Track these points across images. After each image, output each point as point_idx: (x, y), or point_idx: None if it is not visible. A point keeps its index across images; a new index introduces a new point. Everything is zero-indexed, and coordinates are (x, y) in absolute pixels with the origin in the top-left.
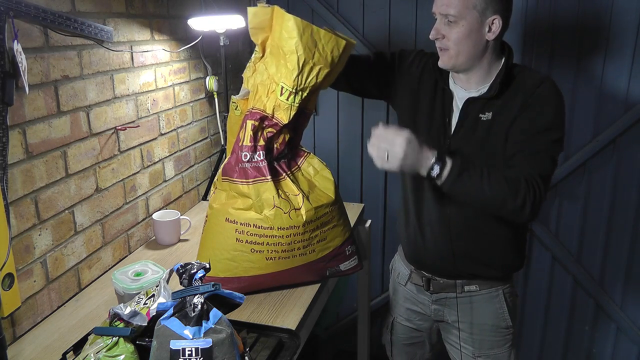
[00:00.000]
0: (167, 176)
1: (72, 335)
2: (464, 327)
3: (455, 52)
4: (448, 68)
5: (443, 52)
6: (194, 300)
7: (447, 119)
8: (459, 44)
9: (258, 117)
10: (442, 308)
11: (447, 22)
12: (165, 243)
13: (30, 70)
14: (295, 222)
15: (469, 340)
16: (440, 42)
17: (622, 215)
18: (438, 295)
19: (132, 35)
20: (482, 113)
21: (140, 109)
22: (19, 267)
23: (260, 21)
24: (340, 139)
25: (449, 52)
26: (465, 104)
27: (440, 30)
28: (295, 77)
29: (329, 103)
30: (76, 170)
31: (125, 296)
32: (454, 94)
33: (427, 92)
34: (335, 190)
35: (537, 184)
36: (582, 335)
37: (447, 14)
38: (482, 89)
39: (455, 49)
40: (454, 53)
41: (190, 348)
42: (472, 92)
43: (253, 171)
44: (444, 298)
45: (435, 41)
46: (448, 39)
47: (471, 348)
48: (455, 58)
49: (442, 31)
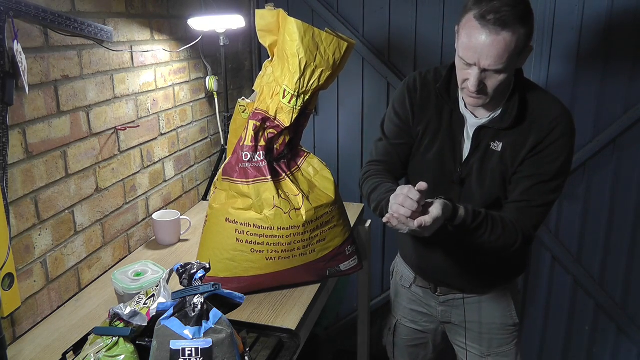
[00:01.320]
0: (167, 176)
1: (72, 335)
2: (472, 327)
3: (492, 95)
4: (477, 106)
5: (478, 95)
6: (194, 300)
7: (459, 145)
8: (499, 89)
9: (260, 117)
10: (450, 309)
11: (489, 73)
12: (165, 243)
13: (30, 70)
14: (295, 222)
15: (476, 339)
16: (478, 91)
17: (622, 215)
18: (446, 297)
19: (132, 35)
20: (493, 142)
21: (140, 109)
22: (19, 267)
23: (267, 24)
24: (340, 139)
25: (485, 97)
26: (477, 131)
27: (483, 80)
28: (298, 80)
29: (329, 103)
30: (76, 170)
31: (125, 296)
32: (465, 119)
33: (438, 116)
34: (335, 190)
35: (531, 235)
36: (582, 335)
37: (496, 68)
38: (493, 115)
39: (494, 94)
40: (490, 96)
41: (190, 348)
42: (482, 119)
43: (253, 171)
44: (451, 299)
45: (463, 88)
46: (488, 87)
47: (479, 347)
48: (491, 98)
49: (484, 81)
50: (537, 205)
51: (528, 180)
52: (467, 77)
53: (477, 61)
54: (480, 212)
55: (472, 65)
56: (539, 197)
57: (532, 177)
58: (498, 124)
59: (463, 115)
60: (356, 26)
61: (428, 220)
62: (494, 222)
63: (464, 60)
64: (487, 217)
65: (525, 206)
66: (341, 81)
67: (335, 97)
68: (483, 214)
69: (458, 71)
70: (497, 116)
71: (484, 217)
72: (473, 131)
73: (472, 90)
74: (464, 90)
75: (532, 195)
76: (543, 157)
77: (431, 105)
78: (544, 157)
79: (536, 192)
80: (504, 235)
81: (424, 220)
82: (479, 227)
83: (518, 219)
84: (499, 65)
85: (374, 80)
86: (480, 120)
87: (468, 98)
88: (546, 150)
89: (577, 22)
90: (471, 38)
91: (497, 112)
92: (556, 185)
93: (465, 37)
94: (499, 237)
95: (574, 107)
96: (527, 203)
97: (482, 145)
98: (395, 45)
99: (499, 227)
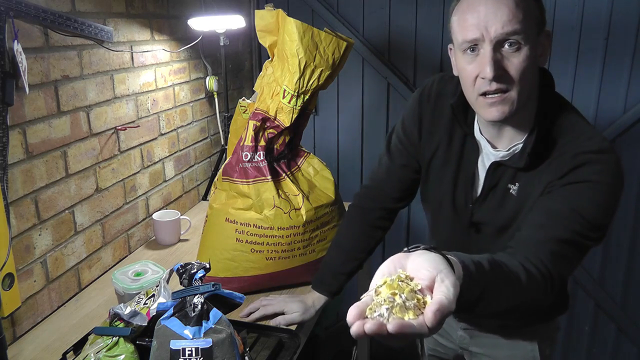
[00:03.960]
0: (167, 176)
1: (72, 335)
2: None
3: (518, 93)
4: (503, 119)
5: (500, 99)
6: (194, 300)
7: (472, 181)
8: (523, 78)
9: (260, 117)
10: (468, 337)
11: (505, 51)
12: (165, 243)
13: (30, 70)
14: (295, 222)
15: None
16: (498, 81)
17: (622, 215)
18: (465, 324)
19: (132, 35)
20: (512, 183)
21: (140, 109)
22: (19, 267)
23: (267, 24)
24: (340, 139)
25: (511, 94)
26: (492, 168)
27: (501, 63)
28: (297, 80)
29: (329, 103)
30: (76, 170)
31: (125, 296)
32: (480, 147)
33: (448, 139)
34: (335, 190)
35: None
36: (582, 335)
37: (510, 32)
38: (514, 148)
39: (519, 88)
40: (515, 94)
41: (190, 348)
42: (500, 152)
43: (253, 171)
44: (470, 329)
45: (480, 85)
46: (511, 75)
47: None
48: (516, 103)
49: (502, 64)
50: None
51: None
52: (477, 70)
53: (483, 32)
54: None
55: (479, 43)
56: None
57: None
58: (516, 162)
59: (478, 142)
60: (356, 26)
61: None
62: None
63: (467, 42)
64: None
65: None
66: (341, 81)
67: (335, 97)
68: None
69: (464, 74)
70: (518, 152)
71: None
72: (489, 166)
73: (490, 75)
74: (479, 100)
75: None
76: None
77: (443, 123)
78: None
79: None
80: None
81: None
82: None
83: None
84: (514, 25)
85: (374, 80)
86: (499, 152)
87: (488, 109)
88: (562, 189)
89: (577, 22)
90: (469, 12)
91: (517, 144)
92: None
93: (461, 17)
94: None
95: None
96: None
97: (499, 187)
98: (395, 45)
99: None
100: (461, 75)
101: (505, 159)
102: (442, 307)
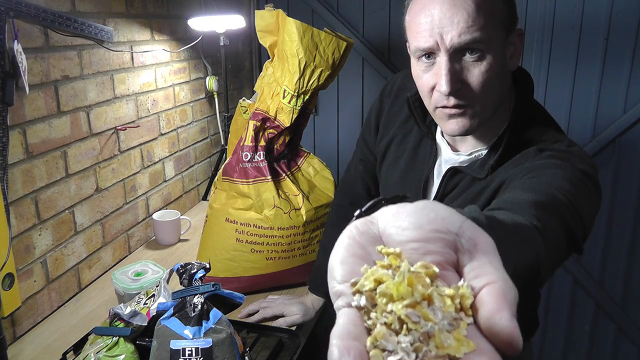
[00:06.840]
0: (167, 176)
1: (72, 335)
2: None
3: (482, 107)
4: (464, 133)
5: (460, 112)
6: (194, 300)
7: (425, 184)
8: (487, 90)
9: (260, 117)
10: None
11: (465, 61)
12: (165, 243)
13: (30, 70)
14: (296, 222)
15: None
16: (456, 96)
17: (622, 215)
18: None
19: (132, 35)
20: (467, 190)
21: (140, 109)
22: (19, 267)
23: (267, 24)
24: (340, 139)
25: (473, 109)
26: (448, 174)
27: (460, 75)
28: (297, 80)
29: (329, 103)
30: (76, 170)
31: (125, 296)
32: (439, 151)
33: (402, 138)
34: (335, 190)
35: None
36: (582, 335)
37: (469, 41)
38: (477, 154)
39: (482, 102)
40: (480, 108)
41: (190, 348)
42: (461, 156)
43: (253, 171)
44: None
45: (437, 99)
46: (472, 88)
47: None
48: (480, 116)
49: (462, 77)
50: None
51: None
52: (434, 81)
53: (438, 40)
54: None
55: (434, 52)
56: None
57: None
58: (476, 172)
59: (438, 146)
60: (356, 26)
61: None
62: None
63: (421, 49)
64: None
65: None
66: (341, 81)
67: (335, 97)
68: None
69: (419, 83)
70: (479, 161)
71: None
72: (445, 171)
73: (446, 91)
74: (437, 112)
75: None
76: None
77: (400, 118)
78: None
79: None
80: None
81: None
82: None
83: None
84: (474, 32)
85: (374, 80)
86: (459, 156)
87: (447, 121)
88: (522, 178)
89: (576, 21)
90: (422, 14)
91: (482, 148)
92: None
93: (413, 19)
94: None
95: (574, 107)
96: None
97: (454, 195)
98: (395, 45)
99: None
100: (417, 83)
101: (464, 164)
102: (508, 299)
